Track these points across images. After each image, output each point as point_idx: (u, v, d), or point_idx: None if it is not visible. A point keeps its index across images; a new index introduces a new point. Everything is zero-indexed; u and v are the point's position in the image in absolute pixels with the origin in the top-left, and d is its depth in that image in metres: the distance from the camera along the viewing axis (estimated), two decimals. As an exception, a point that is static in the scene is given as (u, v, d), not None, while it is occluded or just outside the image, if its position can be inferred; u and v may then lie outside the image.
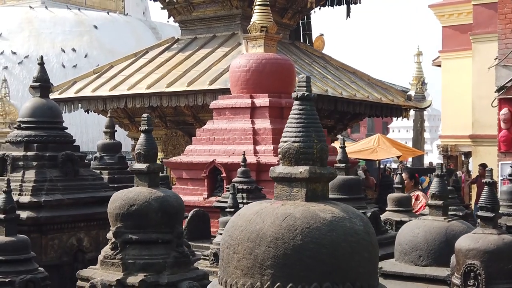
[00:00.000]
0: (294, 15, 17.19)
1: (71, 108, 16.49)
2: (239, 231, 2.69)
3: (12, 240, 4.85)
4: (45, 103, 7.22)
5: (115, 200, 4.18)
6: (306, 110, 3.03)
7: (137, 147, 4.34)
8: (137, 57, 16.94)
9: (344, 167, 5.81)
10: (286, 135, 3.03)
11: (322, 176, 2.90)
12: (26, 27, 33.45)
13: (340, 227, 2.67)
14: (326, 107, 14.85)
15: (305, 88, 3.03)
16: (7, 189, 5.12)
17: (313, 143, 2.96)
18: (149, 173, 4.24)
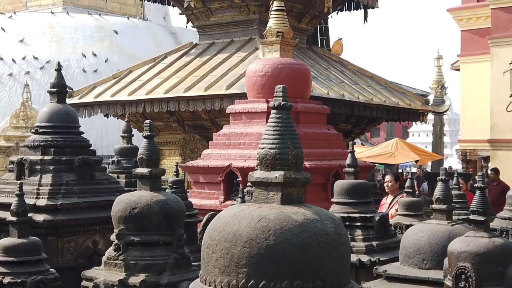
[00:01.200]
0: (311, 20, 17.26)
1: (90, 113, 16.70)
2: (218, 232, 2.86)
3: (24, 242, 4.98)
4: (62, 108, 7.37)
5: (118, 203, 4.32)
6: (283, 119, 3.23)
7: (140, 152, 4.46)
8: (156, 62, 17.12)
9: (353, 171, 5.88)
10: (263, 142, 3.20)
11: (297, 181, 3.05)
12: (48, 33, 33.86)
13: (311, 229, 2.83)
14: (343, 111, 14.91)
15: (282, 97, 3.24)
16: (20, 193, 5.25)
17: (288, 149, 3.16)
18: (151, 177, 4.37)
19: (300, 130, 11.31)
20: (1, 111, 30.97)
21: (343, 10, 18.02)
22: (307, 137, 11.28)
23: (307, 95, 12.08)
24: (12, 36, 33.66)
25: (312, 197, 10.57)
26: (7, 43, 33.38)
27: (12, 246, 4.91)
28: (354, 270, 5.44)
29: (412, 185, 6.45)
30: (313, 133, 11.43)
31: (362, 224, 5.66)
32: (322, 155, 11.20)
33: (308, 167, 10.77)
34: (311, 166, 10.79)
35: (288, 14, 15.84)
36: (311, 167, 10.79)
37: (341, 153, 11.77)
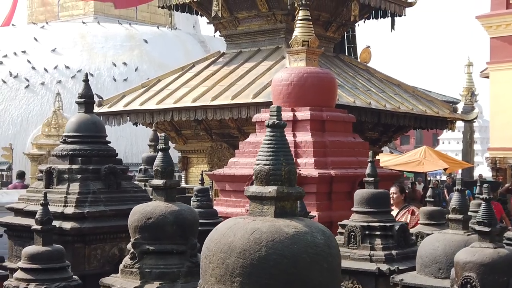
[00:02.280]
0: (338, 28, 17.31)
1: (120, 121, 16.93)
2: (214, 243, 2.99)
3: (48, 249, 5.12)
4: (89, 118, 7.53)
5: (134, 214, 4.46)
6: (276, 137, 3.42)
7: (155, 165, 4.58)
8: (184, 71, 17.31)
9: (372, 181, 5.93)
10: (259, 159, 3.38)
11: (290, 195, 3.18)
12: (79, 42, 34.37)
13: (302, 240, 2.95)
14: (370, 119, 14.92)
15: (276, 116, 3.45)
16: (44, 202, 5.40)
17: (282, 165, 3.32)
18: (166, 188, 4.51)
19: (325, 139, 11.37)
20: (34, 120, 31.48)
21: (370, 18, 18.03)
22: (332, 145, 11.33)
23: (332, 104, 12.13)
24: (44, 46, 34.23)
25: (337, 205, 10.63)
26: (40, 52, 33.95)
27: (37, 254, 5.06)
28: (374, 279, 5.49)
29: (434, 195, 6.47)
30: (338, 142, 11.46)
31: (381, 233, 5.70)
32: (347, 164, 11.23)
33: (334, 176, 10.82)
34: (336, 174, 10.83)
35: (314, 22, 15.94)
36: (337, 176, 10.84)
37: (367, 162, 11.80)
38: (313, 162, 10.91)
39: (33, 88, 32.98)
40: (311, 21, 12.48)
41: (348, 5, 16.29)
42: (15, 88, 33.09)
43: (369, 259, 5.59)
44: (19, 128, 31.88)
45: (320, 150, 11.13)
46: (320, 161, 10.96)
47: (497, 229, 3.74)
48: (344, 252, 5.64)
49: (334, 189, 10.87)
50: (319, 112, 11.51)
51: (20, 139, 30.98)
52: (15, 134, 31.61)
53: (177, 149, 17.70)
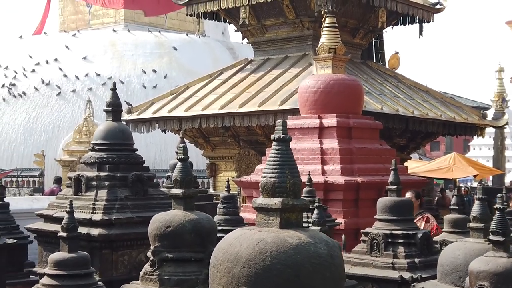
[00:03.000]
0: (365, 35, 17.30)
1: (149, 128, 17.12)
2: (222, 253, 3.07)
3: (73, 256, 5.23)
4: (116, 126, 7.68)
5: (154, 222, 4.57)
6: (282, 150, 3.53)
7: (174, 174, 4.67)
8: (212, 78, 17.43)
9: (395, 189, 5.95)
10: (265, 171, 3.49)
11: (295, 207, 3.24)
12: (110, 50, 34.76)
13: (305, 251, 3.01)
14: (397, 126, 14.87)
15: (282, 131, 3.56)
16: (70, 210, 5.52)
17: (287, 178, 3.43)
18: (184, 197, 4.60)
19: (352, 146, 11.38)
20: (65, 127, 31.88)
21: (398, 25, 17.98)
22: (359, 152, 11.34)
23: (359, 111, 12.13)
24: (75, 54, 34.68)
25: (364, 212, 10.61)
26: (71, 60, 34.41)
27: (62, 260, 5.18)
28: (396, 287, 5.50)
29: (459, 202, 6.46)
30: (365, 149, 11.46)
31: (404, 241, 5.71)
32: (374, 171, 11.22)
33: (360, 183, 10.83)
34: (363, 181, 10.84)
35: (342, 29, 15.97)
36: (363, 183, 10.84)
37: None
38: (339, 169, 10.93)
39: (65, 95, 33.43)
40: (338, 28, 12.51)
41: (375, 11, 16.28)
42: (47, 95, 33.58)
43: (391, 267, 5.60)
44: (51, 135, 32.32)
45: (346, 157, 11.14)
46: (346, 168, 10.97)
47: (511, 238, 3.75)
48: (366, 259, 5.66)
49: (361, 196, 10.87)
50: (346, 119, 11.53)
51: (52, 146, 31.39)
52: (47, 141, 32.04)
53: (205, 155, 17.82)
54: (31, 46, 36.21)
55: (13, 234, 8.57)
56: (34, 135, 32.62)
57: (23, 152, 32.19)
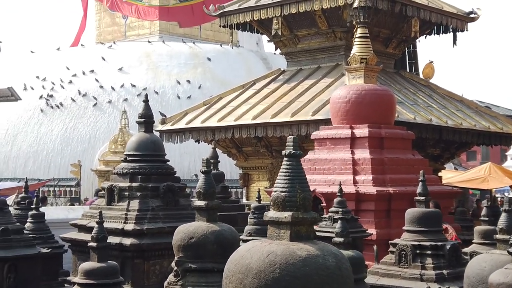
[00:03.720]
0: (398, 45, 17.24)
1: (182, 139, 17.26)
2: (234, 264, 3.13)
3: (103, 266, 5.34)
4: (148, 137, 7.81)
5: (178, 233, 4.65)
6: (293, 165, 3.65)
7: (198, 187, 4.74)
8: (245, 88, 17.52)
9: (423, 200, 5.94)
10: (276, 186, 3.58)
11: (305, 220, 3.31)
12: (145, 61, 35.20)
13: (313, 263, 3.06)
14: (431, 136, 14.77)
15: (292, 147, 3.72)
16: (100, 220, 5.63)
17: (297, 193, 3.52)
18: (207, 209, 4.68)
19: (384, 156, 11.36)
20: (101, 137, 32.33)
21: (432, 34, 17.87)
22: (391, 162, 11.31)
23: (391, 121, 12.11)
24: (111, 65, 35.20)
25: (396, 223, 10.55)
26: (107, 71, 34.93)
27: (92, 270, 5.29)
28: (424, 298, 5.49)
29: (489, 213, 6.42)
30: (397, 159, 11.44)
31: (433, 253, 5.70)
32: (406, 181, 11.17)
33: (392, 193, 10.80)
34: (394, 192, 10.81)
35: (375, 39, 15.95)
36: (395, 193, 10.81)
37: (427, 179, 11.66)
38: (371, 180, 10.92)
39: (101, 106, 33.93)
40: (371, 38, 12.50)
41: (408, 21, 16.21)
42: (83, 106, 34.11)
43: (419, 278, 5.59)
44: (87, 145, 32.80)
45: (378, 167, 11.13)
46: (378, 179, 10.95)
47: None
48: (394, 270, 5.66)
49: (393, 206, 10.83)
50: (378, 129, 11.51)
51: (88, 156, 31.85)
52: (83, 151, 32.53)
53: (238, 166, 17.90)
54: (69, 58, 36.86)
55: (48, 243, 8.74)
56: (71, 146, 33.14)
57: (60, 162, 32.73)
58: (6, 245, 7.05)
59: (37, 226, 8.93)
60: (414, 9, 15.90)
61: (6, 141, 34.73)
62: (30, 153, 33.80)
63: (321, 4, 15.43)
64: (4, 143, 34.69)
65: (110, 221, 7.27)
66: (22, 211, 9.72)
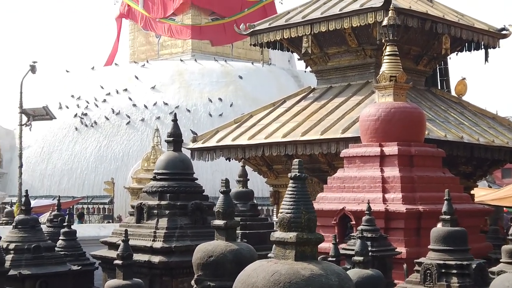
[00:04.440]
0: (429, 62, 17.18)
1: (213, 156, 17.36)
2: (241, 283, 3.22)
3: (128, 283, 5.43)
4: (177, 156, 7.92)
5: (197, 252, 4.73)
6: (298, 188, 3.75)
7: (217, 206, 4.82)
8: (275, 106, 17.59)
9: (449, 218, 5.92)
10: (282, 207, 3.70)
11: (309, 241, 3.39)
12: (177, 79, 35.59)
13: (316, 282, 3.13)
14: (462, 153, 14.64)
15: (298, 170, 3.82)
16: (125, 238, 5.73)
17: (302, 214, 3.68)
18: (226, 228, 4.77)
19: (413, 174, 11.31)
20: (134, 155, 32.68)
21: (463, 51, 17.77)
22: (420, 181, 11.26)
23: (421, 138, 12.06)
24: (144, 84, 35.65)
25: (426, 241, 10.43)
26: (140, 90, 35.37)
27: (117, 287, 5.37)
28: (450, 318, 5.46)
29: (516, 232, 6.35)
30: (427, 177, 11.38)
31: (458, 272, 5.67)
32: (436, 199, 11.08)
33: (422, 211, 10.74)
34: (425, 210, 10.74)
35: (405, 56, 15.91)
36: (425, 211, 10.74)
37: (458, 197, 11.61)
38: (401, 198, 10.88)
39: (134, 124, 34.32)
40: (401, 55, 12.49)
41: (439, 38, 16.16)
42: (117, 124, 34.55)
43: (445, 297, 5.57)
44: (120, 163, 33.18)
45: (408, 185, 11.08)
46: (408, 197, 10.91)
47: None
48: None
49: (423, 225, 10.76)
50: (407, 147, 11.48)
51: (121, 174, 32.21)
52: (117, 169, 32.90)
53: (268, 183, 17.94)
54: (103, 77, 37.44)
55: (80, 261, 8.87)
56: (104, 163, 33.55)
57: (94, 180, 33.14)
58: (38, 262, 7.18)
59: (69, 244, 9.08)
60: (444, 26, 15.85)
61: (42, 159, 35.30)
62: (65, 171, 34.29)
63: (351, 22, 15.47)
64: (40, 161, 35.25)
65: (139, 238, 7.38)
66: (55, 228, 9.89)
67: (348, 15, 15.52)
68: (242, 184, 10.97)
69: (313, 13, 16.43)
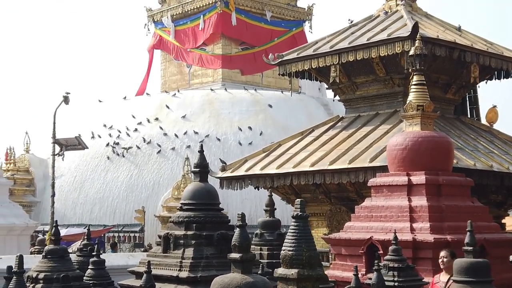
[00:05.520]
0: (458, 90, 17.15)
1: (242, 185, 17.46)
2: None
3: (152, 313, 5.51)
4: (203, 186, 8.03)
5: (214, 284, 4.79)
6: (300, 226, 4.06)
7: (233, 240, 4.90)
8: (303, 135, 17.68)
9: (471, 250, 5.91)
10: (285, 245, 4.01)
11: (310, 277, 3.48)
12: (207, 108, 35.90)
13: None
14: (492, 182, 14.55)
15: (300, 209, 4.13)
16: (148, 269, 5.82)
17: (303, 251, 3.90)
18: (242, 261, 4.81)
19: (441, 203, 11.26)
20: (164, 183, 32.91)
21: (492, 79, 17.72)
22: (449, 210, 11.20)
23: (449, 167, 12.01)
24: (175, 113, 36.03)
25: (455, 271, 10.42)
26: (171, 119, 35.74)
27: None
28: None
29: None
30: (455, 206, 11.32)
31: (481, 304, 5.65)
32: (465, 228, 10.93)
33: (450, 241, 10.66)
34: (452, 239, 10.66)
35: (434, 85, 15.92)
36: (453, 241, 10.66)
37: (487, 227, 11.51)
38: (428, 227, 10.83)
39: (164, 153, 34.62)
40: (429, 84, 12.51)
41: (467, 67, 16.15)
42: (148, 153, 34.88)
43: (469, 330, 5.54)
44: (151, 192, 33.42)
45: (436, 214, 11.03)
46: (436, 226, 10.85)
47: None
48: (444, 321, 5.61)
49: (452, 254, 10.68)
50: (435, 176, 11.45)
51: (152, 202, 32.44)
52: (147, 197, 33.15)
53: (297, 212, 17.95)
54: (134, 106, 37.94)
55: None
56: (135, 192, 33.83)
57: (125, 208, 33.43)
58: (67, 292, 7.30)
59: (98, 273, 9.17)
60: (473, 55, 15.85)
61: (74, 188, 35.74)
62: (96, 199, 34.66)
63: (379, 51, 15.56)
64: (72, 190, 35.69)
65: (166, 268, 7.48)
66: (84, 258, 10.02)
67: (376, 45, 15.62)
68: (269, 214, 11.04)
69: (341, 43, 16.57)
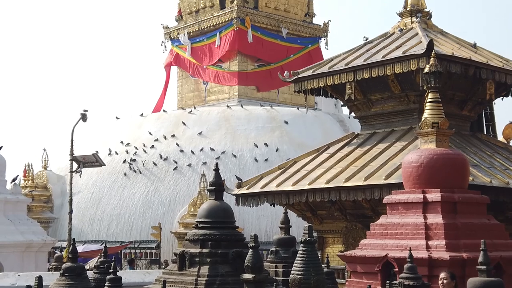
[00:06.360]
0: (474, 107, 17.12)
1: (257, 202, 17.49)
2: None
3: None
4: (219, 205, 8.11)
5: None
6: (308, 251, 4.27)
7: (246, 261, 4.97)
8: (319, 152, 17.70)
9: (484, 269, 5.93)
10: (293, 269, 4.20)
11: None
12: (224, 125, 36.06)
13: None
14: (508, 199, 14.48)
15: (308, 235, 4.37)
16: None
17: (311, 276, 4.11)
18: (255, 282, 4.88)
19: (457, 221, 11.24)
20: (181, 200, 33.03)
21: (508, 96, 17.69)
22: (464, 227, 11.17)
23: (464, 185, 11.99)
24: (191, 129, 36.21)
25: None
26: (187, 136, 35.92)
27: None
28: None
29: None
30: (471, 224, 11.29)
31: (495, 323, 5.65)
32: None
33: (466, 259, 10.63)
34: (468, 257, 10.64)
35: (449, 102, 15.93)
36: (469, 259, 10.63)
37: (503, 244, 11.47)
38: (444, 245, 10.81)
39: (181, 169, 34.77)
40: (445, 101, 12.51)
41: (483, 84, 16.14)
42: (164, 170, 35.05)
43: None
44: (167, 208, 33.56)
45: (451, 232, 11.01)
46: (451, 244, 10.84)
47: None
48: None
49: (467, 272, 10.62)
50: (450, 194, 11.43)
51: (168, 219, 32.56)
52: (164, 214, 33.28)
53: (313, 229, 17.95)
54: (151, 123, 38.19)
55: (124, 307, 9.04)
56: (152, 208, 33.99)
57: (142, 225, 33.56)
58: (83, 309, 7.38)
59: (114, 290, 9.26)
60: (488, 71, 15.84)
61: (92, 204, 35.95)
62: (113, 216, 34.84)
63: (394, 68, 15.59)
64: (90, 206, 35.90)
65: (181, 286, 7.54)
66: (101, 275, 10.11)
67: (391, 62, 15.65)
68: (284, 231, 11.08)
69: (356, 60, 16.62)
